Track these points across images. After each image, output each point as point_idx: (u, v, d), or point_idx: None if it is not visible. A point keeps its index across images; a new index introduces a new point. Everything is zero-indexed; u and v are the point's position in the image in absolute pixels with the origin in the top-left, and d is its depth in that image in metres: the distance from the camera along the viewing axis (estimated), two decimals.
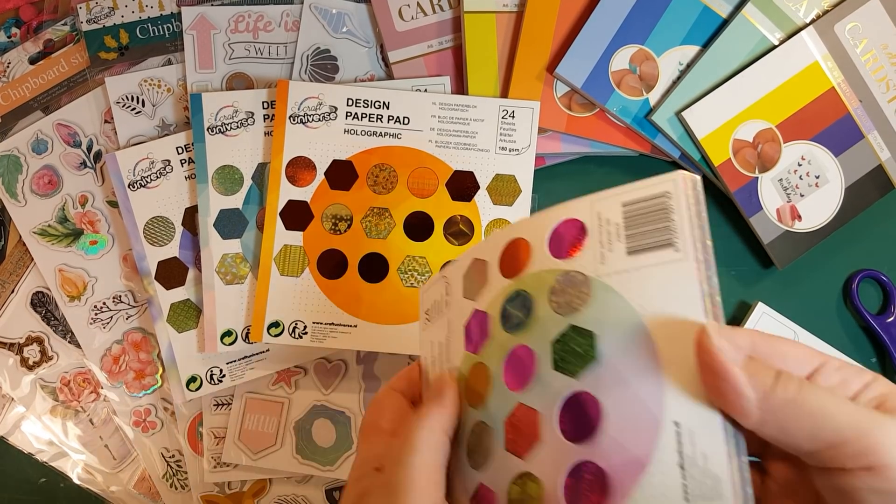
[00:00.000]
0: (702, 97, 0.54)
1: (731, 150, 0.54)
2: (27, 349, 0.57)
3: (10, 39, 0.59)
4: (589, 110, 0.56)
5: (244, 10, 0.58)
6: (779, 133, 0.55)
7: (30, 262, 0.57)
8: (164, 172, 0.56)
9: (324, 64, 0.58)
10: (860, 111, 0.55)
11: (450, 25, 0.58)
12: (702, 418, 0.23)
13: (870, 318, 0.55)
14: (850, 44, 0.55)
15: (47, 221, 0.57)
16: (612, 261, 0.26)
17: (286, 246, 0.54)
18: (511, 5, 0.57)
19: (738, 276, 0.57)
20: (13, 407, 0.56)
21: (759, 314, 0.54)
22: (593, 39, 0.55)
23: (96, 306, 0.56)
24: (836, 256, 0.57)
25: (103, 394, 0.56)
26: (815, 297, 0.57)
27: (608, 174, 0.58)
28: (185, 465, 0.56)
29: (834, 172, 0.55)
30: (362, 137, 0.55)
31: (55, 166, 0.57)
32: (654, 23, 0.55)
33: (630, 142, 0.56)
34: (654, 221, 0.26)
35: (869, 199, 0.56)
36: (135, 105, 0.57)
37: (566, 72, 0.55)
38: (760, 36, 0.55)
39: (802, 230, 0.55)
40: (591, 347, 0.25)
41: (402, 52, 0.57)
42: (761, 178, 0.55)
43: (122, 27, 0.58)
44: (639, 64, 0.55)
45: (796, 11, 0.56)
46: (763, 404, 0.23)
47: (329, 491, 0.56)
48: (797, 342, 0.25)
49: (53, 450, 0.56)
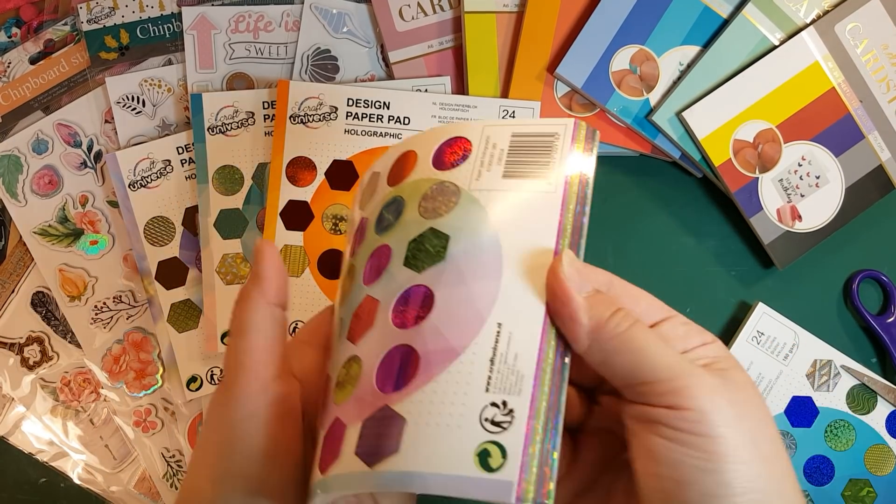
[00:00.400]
0: (702, 97, 0.54)
1: (732, 151, 0.54)
2: (27, 349, 0.57)
3: (10, 39, 0.59)
4: (589, 110, 0.56)
5: (244, 10, 0.58)
6: (779, 133, 0.55)
7: (30, 262, 0.57)
8: (165, 172, 0.56)
9: (324, 64, 0.58)
10: (861, 111, 0.55)
11: (450, 25, 0.58)
12: (525, 325, 0.25)
13: (870, 319, 0.55)
14: (851, 44, 0.55)
15: (48, 221, 0.57)
16: (487, 179, 0.27)
17: (286, 246, 0.54)
18: (511, 5, 0.57)
19: (739, 277, 0.57)
20: (13, 407, 0.56)
21: (760, 314, 0.54)
22: (594, 40, 0.55)
23: (97, 306, 0.56)
24: (837, 257, 0.57)
25: (104, 394, 0.56)
26: (816, 298, 0.57)
27: (608, 174, 0.58)
28: (186, 465, 0.56)
29: (834, 173, 0.55)
30: (363, 137, 0.55)
31: (55, 166, 0.57)
32: (654, 23, 0.55)
33: (630, 142, 0.56)
34: (535, 155, 0.28)
35: (869, 199, 0.56)
36: (135, 105, 0.57)
37: (567, 72, 0.55)
38: (761, 36, 0.55)
39: (803, 230, 0.55)
40: (442, 248, 0.26)
41: (402, 52, 0.57)
42: (762, 179, 0.55)
43: (122, 27, 0.58)
44: (639, 64, 0.55)
45: (797, 12, 0.56)
46: (594, 334, 0.25)
47: None
48: (654, 297, 0.27)
49: (54, 450, 0.56)
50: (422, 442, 0.23)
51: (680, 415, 0.24)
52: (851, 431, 0.54)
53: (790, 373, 0.54)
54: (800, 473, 0.54)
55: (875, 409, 0.54)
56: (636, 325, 0.25)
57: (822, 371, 0.54)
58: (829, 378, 0.54)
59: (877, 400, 0.54)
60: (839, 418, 0.54)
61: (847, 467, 0.54)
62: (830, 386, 0.54)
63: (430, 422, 0.24)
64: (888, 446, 0.54)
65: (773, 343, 0.54)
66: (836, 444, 0.54)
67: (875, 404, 0.54)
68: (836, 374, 0.54)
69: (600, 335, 0.25)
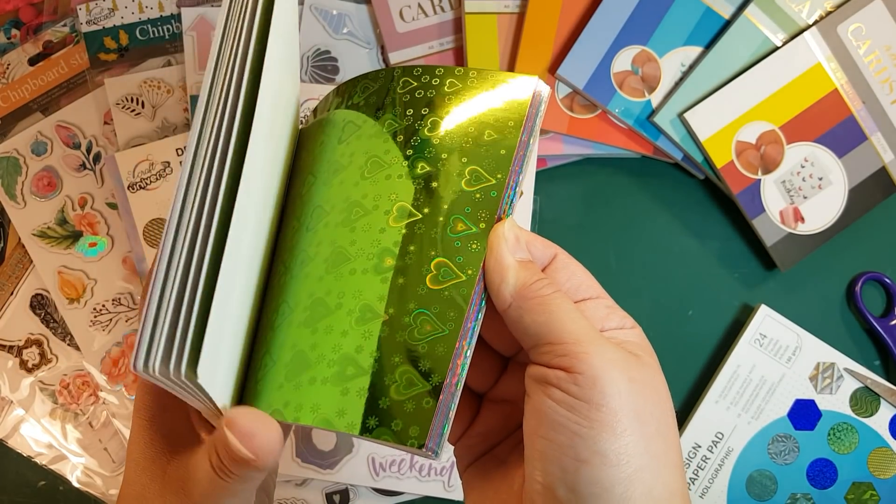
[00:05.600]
0: (704, 99, 0.54)
1: (734, 152, 0.54)
2: (26, 351, 0.57)
3: (9, 41, 0.59)
4: (591, 112, 0.56)
5: None
6: (782, 135, 0.55)
7: (29, 264, 0.57)
8: (164, 174, 0.56)
9: (324, 65, 0.58)
10: (863, 113, 0.55)
11: (451, 26, 0.58)
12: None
13: (873, 321, 0.55)
14: (853, 45, 0.55)
15: (47, 223, 0.57)
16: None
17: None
18: (512, 6, 0.57)
19: (741, 279, 0.57)
20: (12, 410, 0.56)
21: (762, 317, 0.54)
22: (595, 41, 0.55)
23: (96, 308, 0.56)
24: (840, 259, 0.57)
25: (103, 396, 0.56)
26: (819, 300, 0.57)
27: (610, 176, 0.58)
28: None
29: (837, 174, 0.55)
30: None
31: (55, 168, 0.57)
32: (656, 24, 0.55)
33: (632, 143, 0.56)
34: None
35: (872, 200, 0.55)
36: (134, 106, 0.57)
37: (568, 73, 0.55)
38: (763, 37, 0.55)
39: (805, 232, 0.55)
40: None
41: (402, 53, 0.57)
42: (764, 180, 0.54)
43: (121, 28, 0.58)
44: (641, 65, 0.55)
45: (799, 13, 0.55)
46: (516, 292, 0.27)
47: (329, 494, 0.55)
48: (592, 277, 0.29)
49: (53, 453, 0.56)
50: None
51: (572, 377, 0.24)
52: (854, 434, 0.54)
53: (793, 375, 0.54)
54: (803, 476, 0.53)
55: (878, 411, 0.54)
56: (557, 294, 0.27)
57: (825, 374, 0.54)
58: (833, 381, 0.54)
59: (880, 403, 0.54)
60: (842, 421, 0.54)
61: (850, 470, 0.53)
62: (833, 389, 0.54)
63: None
64: (891, 449, 0.54)
65: (776, 345, 0.54)
66: (840, 447, 0.54)
67: (878, 407, 0.54)
68: (840, 377, 0.54)
69: (521, 294, 0.26)
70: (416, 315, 0.27)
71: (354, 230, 0.30)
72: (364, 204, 0.30)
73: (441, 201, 0.29)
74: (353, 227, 0.30)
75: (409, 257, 0.28)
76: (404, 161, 0.30)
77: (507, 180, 0.29)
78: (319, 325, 0.28)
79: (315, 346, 0.28)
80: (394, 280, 0.28)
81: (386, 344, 0.27)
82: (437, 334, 0.27)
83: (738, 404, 0.54)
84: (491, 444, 0.31)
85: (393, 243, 0.29)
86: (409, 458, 0.53)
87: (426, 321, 0.27)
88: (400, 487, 0.53)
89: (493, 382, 0.32)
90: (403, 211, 0.29)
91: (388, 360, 0.27)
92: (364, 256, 0.29)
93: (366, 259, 0.29)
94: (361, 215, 0.30)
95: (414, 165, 0.30)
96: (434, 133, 0.31)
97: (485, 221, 0.28)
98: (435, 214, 0.29)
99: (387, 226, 0.29)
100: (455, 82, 0.32)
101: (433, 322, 0.27)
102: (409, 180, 0.30)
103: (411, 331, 0.27)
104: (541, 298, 0.26)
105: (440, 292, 0.27)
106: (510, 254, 0.27)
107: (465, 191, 0.29)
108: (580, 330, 0.25)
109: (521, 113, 0.30)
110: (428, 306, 0.27)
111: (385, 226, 0.29)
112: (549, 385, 0.25)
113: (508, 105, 0.31)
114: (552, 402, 0.25)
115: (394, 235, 0.29)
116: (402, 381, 0.26)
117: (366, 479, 0.53)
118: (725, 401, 0.53)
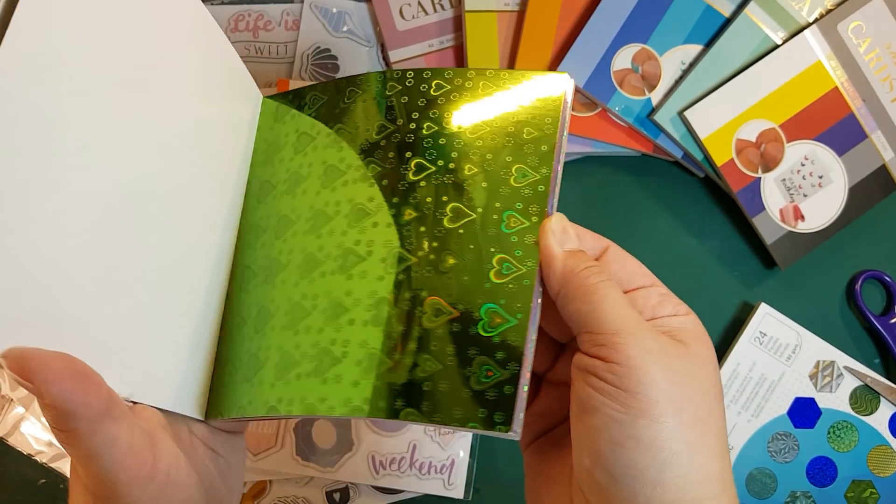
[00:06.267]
0: (704, 97, 0.54)
1: (734, 150, 0.54)
2: None
3: None
4: (591, 110, 0.56)
5: (244, 9, 0.58)
6: (782, 133, 0.55)
7: None
8: None
9: (324, 63, 0.58)
10: (863, 111, 0.55)
11: (451, 25, 0.58)
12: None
13: (873, 319, 0.55)
14: (854, 43, 0.55)
15: None
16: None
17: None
18: (512, 4, 0.57)
19: (741, 277, 0.57)
20: (13, 408, 0.56)
21: (762, 315, 0.54)
22: (595, 39, 0.55)
23: None
24: (840, 257, 0.57)
25: None
26: (819, 298, 0.57)
27: (610, 174, 0.58)
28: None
29: (837, 172, 0.55)
30: None
31: None
32: (656, 22, 0.55)
33: (632, 141, 0.56)
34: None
35: (873, 199, 0.55)
36: None
37: (568, 71, 0.55)
38: (763, 35, 0.55)
39: (805, 230, 0.55)
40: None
41: (402, 51, 0.57)
42: (764, 178, 0.54)
43: None
44: (641, 63, 0.55)
45: (799, 10, 0.55)
46: (563, 279, 0.28)
47: (329, 492, 0.55)
48: (644, 267, 0.30)
49: (53, 451, 0.56)
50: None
51: (608, 367, 0.25)
52: (854, 432, 0.54)
53: (793, 374, 0.54)
54: (803, 474, 0.53)
55: (878, 410, 0.54)
56: (603, 283, 0.27)
57: (825, 372, 0.54)
58: (832, 379, 0.54)
59: (880, 401, 0.54)
60: (842, 419, 0.54)
61: (850, 469, 0.53)
62: (833, 387, 0.54)
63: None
64: (891, 447, 0.54)
65: (776, 344, 0.54)
66: (839, 446, 0.54)
67: (878, 405, 0.54)
68: (839, 375, 0.54)
69: (569, 282, 0.28)
70: (486, 310, 0.29)
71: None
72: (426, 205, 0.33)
73: (493, 199, 0.31)
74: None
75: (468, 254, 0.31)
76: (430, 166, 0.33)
77: (552, 174, 0.31)
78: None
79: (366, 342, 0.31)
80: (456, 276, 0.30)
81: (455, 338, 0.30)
82: (508, 325, 0.29)
83: (738, 402, 0.54)
84: (549, 425, 0.32)
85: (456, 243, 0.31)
86: (409, 457, 0.53)
87: (495, 314, 0.29)
88: (400, 485, 0.53)
89: (550, 364, 0.33)
90: (458, 212, 0.32)
91: (463, 354, 0.29)
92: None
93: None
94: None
95: (445, 169, 0.33)
96: (475, 135, 0.33)
97: (537, 215, 0.30)
98: (488, 213, 0.31)
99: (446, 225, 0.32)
100: (488, 84, 0.33)
101: (502, 314, 0.29)
102: (437, 184, 0.33)
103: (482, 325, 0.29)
104: (586, 287, 0.27)
105: (504, 286, 0.29)
106: (558, 244, 0.29)
107: (515, 187, 0.31)
108: (620, 320, 0.26)
109: (557, 109, 0.32)
110: (496, 300, 0.29)
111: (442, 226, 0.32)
112: (588, 373, 0.26)
113: (542, 102, 0.32)
114: (590, 388, 0.26)
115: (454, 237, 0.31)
116: (479, 372, 0.28)
117: (366, 477, 0.53)
118: (725, 399, 0.53)
